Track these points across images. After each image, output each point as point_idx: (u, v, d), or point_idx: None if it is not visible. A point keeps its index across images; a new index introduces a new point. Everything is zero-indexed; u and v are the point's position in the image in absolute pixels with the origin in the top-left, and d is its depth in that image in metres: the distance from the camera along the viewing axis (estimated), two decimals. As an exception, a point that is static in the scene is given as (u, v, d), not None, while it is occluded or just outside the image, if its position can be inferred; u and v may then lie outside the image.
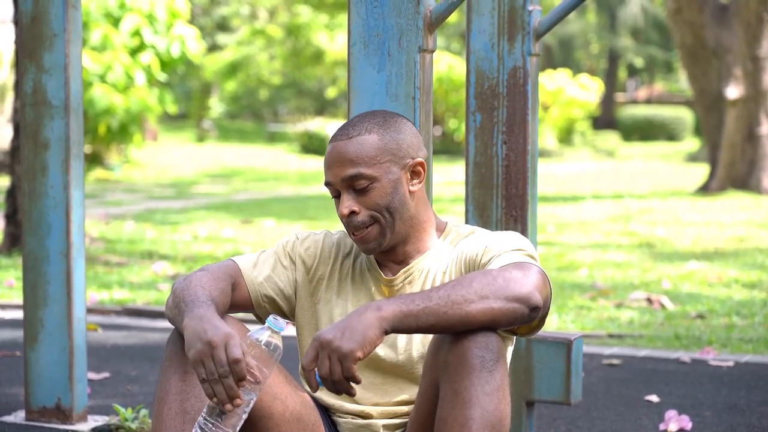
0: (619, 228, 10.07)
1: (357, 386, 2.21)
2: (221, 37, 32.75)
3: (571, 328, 5.30)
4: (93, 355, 4.49)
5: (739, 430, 3.49)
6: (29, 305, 3.40)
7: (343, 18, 27.59)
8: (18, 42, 3.41)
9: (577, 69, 32.25)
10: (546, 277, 2.05)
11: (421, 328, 1.95)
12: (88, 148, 16.63)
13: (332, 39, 28.93)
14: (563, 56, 33.08)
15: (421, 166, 2.22)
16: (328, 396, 2.25)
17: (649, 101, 35.18)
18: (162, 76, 15.73)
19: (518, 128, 2.98)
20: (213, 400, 1.94)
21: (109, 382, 4.15)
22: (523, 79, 2.98)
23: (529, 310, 1.99)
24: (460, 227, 2.29)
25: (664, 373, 4.37)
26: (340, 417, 2.25)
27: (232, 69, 30.21)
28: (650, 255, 8.12)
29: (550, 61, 31.02)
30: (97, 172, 17.14)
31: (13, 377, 4.16)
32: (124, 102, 15.07)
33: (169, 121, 30.26)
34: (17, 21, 3.43)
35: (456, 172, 18.15)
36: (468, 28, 3.02)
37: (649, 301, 5.97)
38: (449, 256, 2.22)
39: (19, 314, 5.33)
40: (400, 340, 2.20)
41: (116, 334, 5.15)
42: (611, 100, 33.76)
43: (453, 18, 26.63)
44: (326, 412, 2.27)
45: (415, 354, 2.19)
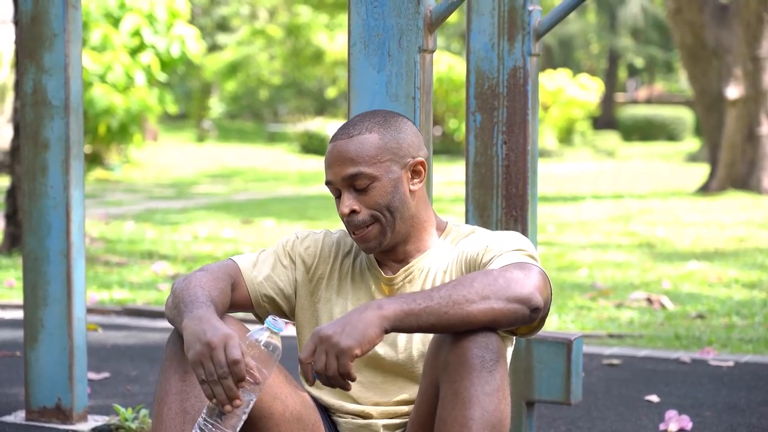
0: (619, 228, 10.07)
1: (357, 385, 2.21)
2: (221, 37, 32.75)
3: (571, 328, 5.30)
4: (93, 355, 4.49)
5: (740, 430, 3.49)
6: (29, 305, 3.40)
7: (343, 18, 27.59)
8: (18, 42, 3.41)
9: (577, 69, 32.26)
10: (547, 278, 2.05)
11: (422, 327, 1.95)
12: (88, 148, 16.63)
13: (332, 39, 28.93)
14: (563, 56, 33.08)
15: (422, 165, 2.22)
16: (329, 396, 2.25)
17: (649, 101, 35.18)
18: (162, 76, 15.73)
19: (518, 128, 2.98)
20: (212, 401, 1.94)
21: (109, 382, 4.15)
22: (523, 79, 2.98)
23: (530, 311, 1.99)
24: (460, 227, 2.29)
25: (664, 373, 4.37)
26: (340, 417, 2.25)
27: (232, 69, 30.21)
28: (650, 255, 8.12)
29: (550, 61, 31.02)
30: (97, 172, 17.14)
31: (13, 377, 4.16)
32: (124, 102, 15.07)
33: (169, 121, 30.26)
34: (17, 21, 3.43)
35: (456, 172, 18.15)
36: (468, 28, 3.02)
37: (649, 301, 5.97)
38: (450, 255, 2.22)
39: (19, 314, 5.34)
40: (401, 339, 2.20)
41: (116, 334, 5.15)
42: (611, 100, 33.77)
43: (453, 18, 26.62)
44: (326, 412, 2.27)
45: (416, 353, 2.19)
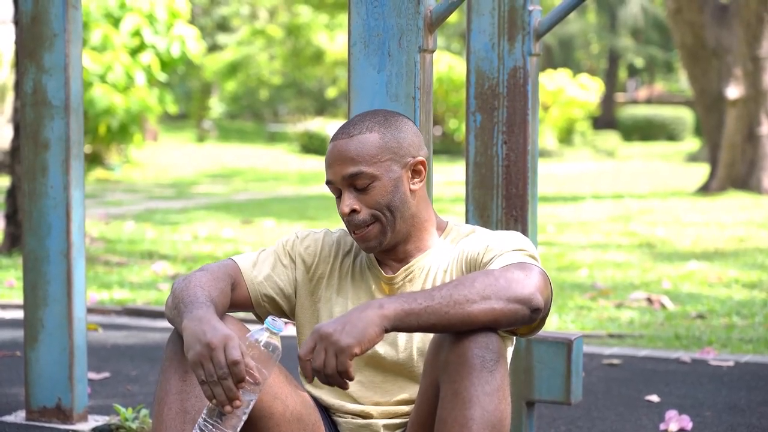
0: (619, 228, 10.07)
1: (357, 385, 2.21)
2: (221, 37, 32.75)
3: (572, 328, 5.30)
4: (93, 355, 4.49)
5: (740, 430, 3.49)
6: (29, 305, 3.40)
7: (343, 18, 27.59)
8: (18, 42, 3.41)
9: (577, 69, 32.26)
10: (547, 278, 2.05)
11: (422, 327, 1.96)
12: (89, 148, 16.63)
13: (332, 39, 28.92)
14: (563, 56, 33.08)
15: (422, 164, 2.22)
16: (329, 396, 2.25)
17: (650, 101, 35.18)
18: (162, 76, 15.73)
19: (518, 128, 2.98)
20: (212, 402, 1.94)
21: (109, 382, 4.15)
22: (523, 79, 2.98)
23: (531, 312, 1.99)
24: (460, 226, 2.29)
25: (665, 373, 4.37)
26: (341, 417, 2.25)
27: (232, 69, 30.21)
28: (650, 255, 8.12)
29: (551, 61, 31.01)
30: (98, 172, 17.14)
31: (14, 377, 4.16)
32: (125, 102, 15.07)
33: (170, 121, 30.26)
34: (17, 21, 3.43)
35: (456, 172, 18.15)
36: (468, 28, 3.02)
37: (650, 301, 5.97)
38: (450, 254, 2.22)
39: (20, 314, 5.34)
40: (401, 338, 2.20)
41: (116, 334, 5.15)
42: (611, 100, 33.77)
43: (453, 18, 26.62)
44: (326, 412, 2.27)
45: (416, 352, 2.19)
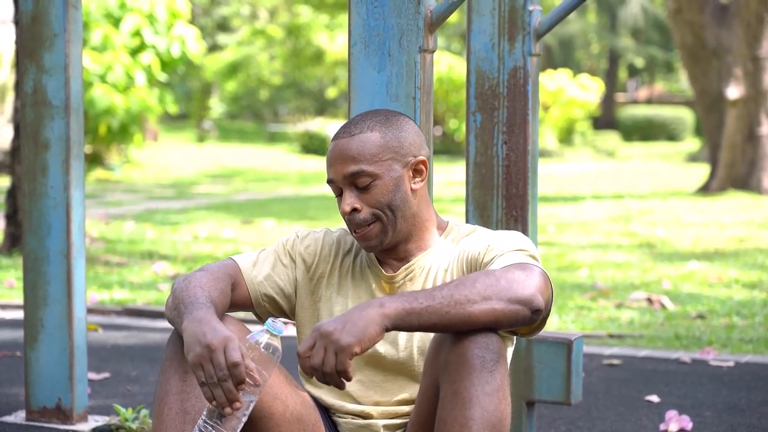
0: (619, 228, 10.07)
1: (358, 384, 2.21)
2: (221, 37, 32.75)
3: (572, 328, 5.30)
4: (93, 355, 4.49)
5: (740, 430, 3.49)
6: (29, 305, 3.40)
7: (344, 18, 27.59)
8: (18, 42, 3.41)
9: (577, 69, 32.26)
10: (548, 279, 2.05)
11: (423, 326, 1.95)
12: (89, 149, 16.63)
13: (332, 39, 28.92)
14: (564, 56, 33.08)
15: (423, 164, 2.22)
16: (329, 396, 2.25)
17: (650, 101, 35.18)
18: (162, 77, 15.73)
19: (518, 128, 2.98)
20: (212, 404, 1.94)
21: (109, 382, 4.15)
22: (523, 79, 2.98)
23: (531, 312, 1.99)
24: (461, 226, 2.29)
25: (665, 373, 4.37)
26: (341, 417, 2.25)
27: (233, 69, 30.21)
28: (650, 255, 8.12)
29: (551, 61, 31.01)
30: (98, 173, 17.14)
31: (14, 377, 4.16)
32: (125, 102, 15.07)
33: (170, 121, 30.26)
34: (17, 21, 3.43)
35: (456, 173, 18.14)
36: (468, 29, 3.02)
37: (650, 301, 5.97)
38: (451, 254, 2.22)
39: (20, 314, 5.34)
40: (401, 337, 2.20)
41: (116, 334, 5.15)
42: (611, 100, 33.77)
43: (453, 18, 26.62)
44: (326, 412, 2.27)
45: (416, 351, 2.19)
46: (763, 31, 13.56)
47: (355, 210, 2.18)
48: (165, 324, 5.34)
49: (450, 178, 16.85)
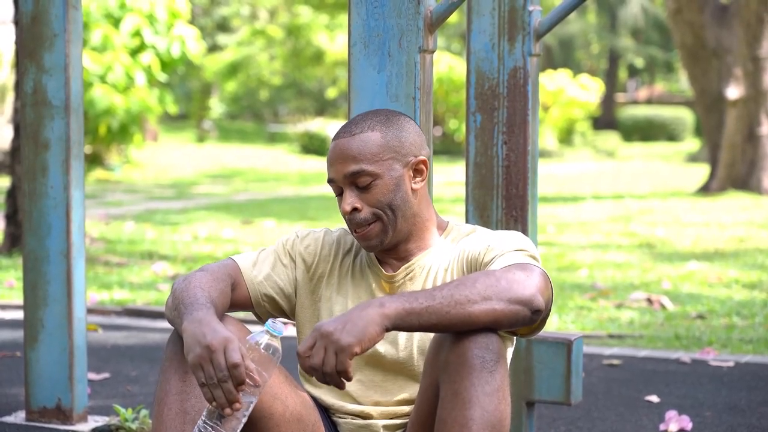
0: (619, 228, 10.07)
1: (358, 384, 2.21)
2: (221, 38, 32.75)
3: (572, 328, 5.30)
4: (93, 356, 4.49)
5: (740, 431, 3.49)
6: (29, 305, 3.40)
7: (344, 18, 27.59)
8: (18, 42, 3.41)
9: (577, 69, 32.26)
10: (548, 279, 2.05)
11: (423, 326, 1.96)
12: (89, 149, 16.62)
13: (332, 39, 28.93)
14: (563, 56, 33.08)
15: (424, 164, 2.22)
16: (329, 396, 2.25)
17: (650, 101, 35.17)
18: (162, 77, 15.73)
19: (518, 129, 2.98)
20: (212, 404, 1.94)
21: (109, 383, 4.15)
22: (523, 79, 2.98)
23: (531, 313, 1.99)
24: (461, 226, 2.29)
25: (665, 373, 4.37)
26: (340, 417, 2.25)
27: (233, 69, 30.21)
28: (650, 255, 8.12)
29: (551, 62, 31.02)
30: (98, 173, 17.14)
31: (13, 377, 4.16)
32: (125, 102, 15.07)
33: (170, 121, 30.26)
34: (17, 21, 3.43)
35: (456, 173, 18.14)
36: (468, 29, 3.02)
37: (650, 301, 5.97)
38: (451, 253, 2.22)
39: (20, 314, 5.34)
40: (401, 336, 2.20)
41: (116, 334, 5.15)
42: (611, 101, 33.77)
43: (453, 18, 26.62)
44: (326, 412, 2.27)
45: (416, 351, 2.19)
46: (763, 31, 13.56)
47: (355, 209, 2.18)
48: (165, 324, 5.34)
49: (450, 178, 16.85)
